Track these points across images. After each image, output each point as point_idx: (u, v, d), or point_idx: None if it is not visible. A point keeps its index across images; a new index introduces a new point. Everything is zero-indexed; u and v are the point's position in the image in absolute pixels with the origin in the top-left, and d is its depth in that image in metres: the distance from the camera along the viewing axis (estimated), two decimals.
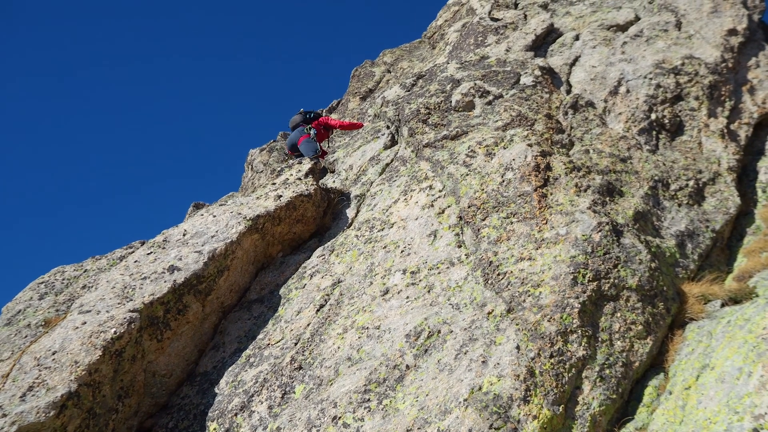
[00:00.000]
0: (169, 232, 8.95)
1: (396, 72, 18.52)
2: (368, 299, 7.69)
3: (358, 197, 10.04)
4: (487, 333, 6.55)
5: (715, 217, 8.93)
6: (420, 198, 8.95)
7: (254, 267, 9.18)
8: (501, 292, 7.00)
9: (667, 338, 7.01)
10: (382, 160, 10.74)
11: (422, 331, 6.84)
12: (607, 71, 11.49)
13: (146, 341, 7.45)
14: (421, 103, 10.87)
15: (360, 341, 7.11)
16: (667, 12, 12.95)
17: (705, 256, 8.44)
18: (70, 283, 9.52)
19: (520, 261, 7.34)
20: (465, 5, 18.18)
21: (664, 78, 11.01)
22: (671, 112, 10.50)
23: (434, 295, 7.34)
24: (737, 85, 11.40)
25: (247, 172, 18.43)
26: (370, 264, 8.28)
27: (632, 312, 6.86)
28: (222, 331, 8.41)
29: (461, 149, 9.43)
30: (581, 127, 10.08)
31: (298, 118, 12.89)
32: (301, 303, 8.26)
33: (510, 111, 10.17)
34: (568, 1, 15.27)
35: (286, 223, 9.45)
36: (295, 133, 12.71)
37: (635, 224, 8.09)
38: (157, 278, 7.92)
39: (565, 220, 7.72)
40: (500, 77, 11.28)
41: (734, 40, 11.95)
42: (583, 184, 8.36)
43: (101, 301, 7.64)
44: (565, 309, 6.62)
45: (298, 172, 10.40)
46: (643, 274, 7.24)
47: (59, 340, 7.06)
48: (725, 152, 10.04)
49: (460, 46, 14.75)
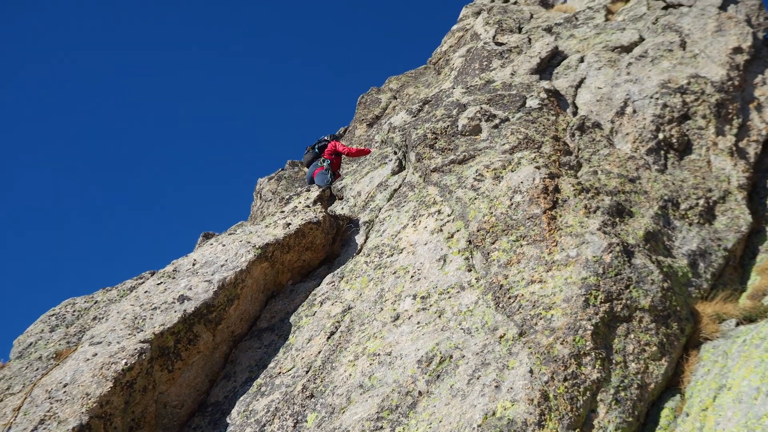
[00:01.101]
0: (179, 262, 8.96)
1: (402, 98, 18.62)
2: (379, 325, 7.65)
3: (366, 223, 10.04)
4: (499, 357, 6.49)
5: (726, 236, 8.86)
6: (429, 223, 8.93)
7: (264, 295, 9.16)
8: (512, 316, 6.95)
9: (682, 359, 6.92)
10: (390, 185, 10.75)
11: (434, 356, 6.79)
12: (612, 92, 11.51)
13: (157, 372, 7.42)
14: (427, 128, 10.91)
15: (371, 368, 7.05)
16: (671, 32, 13.00)
17: (718, 275, 8.37)
18: (80, 315, 9.53)
19: (530, 284, 7.30)
20: (469, 31, 18.31)
21: (671, 97, 11.02)
22: (679, 131, 10.49)
23: (445, 319, 7.29)
24: (744, 103, 11.39)
25: (256, 201, 18.48)
26: (380, 290, 8.25)
27: (646, 333, 6.79)
28: (233, 360, 8.38)
29: (469, 173, 9.43)
30: (589, 149, 10.07)
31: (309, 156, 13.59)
32: (311, 330, 8.22)
33: (517, 134, 10.18)
34: (572, 24, 15.36)
35: (296, 250, 9.45)
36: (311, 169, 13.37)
37: (646, 244, 8.04)
38: (168, 308, 7.91)
39: (575, 242, 7.69)
40: (506, 101, 11.32)
41: (740, 58, 11.96)
42: (592, 206, 8.34)
43: (112, 332, 7.63)
44: (577, 331, 6.56)
45: (306, 200, 10.42)
46: (655, 294, 7.17)
47: (70, 372, 7.05)
48: (735, 170, 10.00)
49: (465, 70, 14.83)
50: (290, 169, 18.71)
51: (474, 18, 19.51)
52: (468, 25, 19.42)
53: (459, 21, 20.48)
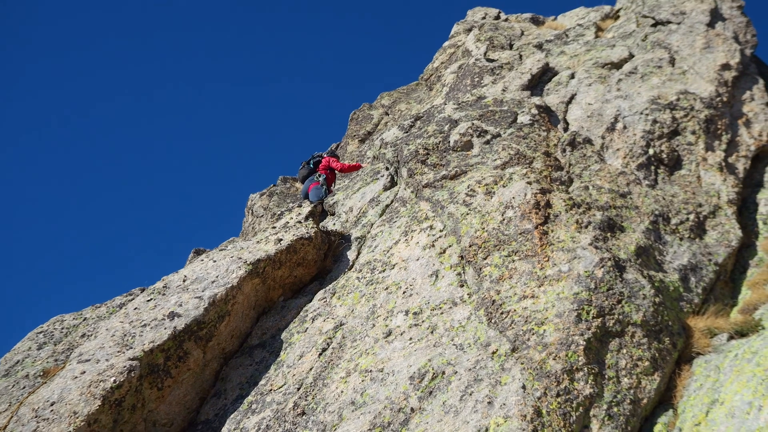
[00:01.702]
0: (169, 278, 8.91)
1: (394, 114, 18.68)
2: (371, 341, 7.61)
3: (358, 239, 10.02)
4: (492, 373, 6.46)
5: (717, 250, 8.88)
6: (421, 238, 8.92)
7: (255, 312, 9.11)
8: (505, 331, 6.93)
9: (674, 374, 6.91)
10: (382, 201, 10.74)
11: (426, 372, 6.75)
12: (603, 108, 11.57)
13: (146, 390, 7.35)
14: (419, 144, 10.92)
15: (363, 384, 7.01)
16: (661, 49, 13.10)
17: (709, 289, 8.38)
18: (69, 332, 9.44)
19: (523, 299, 7.28)
20: (461, 47, 18.41)
21: (661, 113, 11.08)
22: (669, 146, 10.54)
23: (437, 335, 7.26)
24: (733, 119, 11.46)
25: (248, 217, 18.45)
26: (372, 306, 8.21)
27: (638, 348, 6.78)
28: (223, 377, 8.31)
29: (461, 188, 9.44)
30: (580, 164, 10.10)
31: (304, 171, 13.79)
32: (303, 347, 8.17)
33: (508, 149, 10.21)
34: (562, 40, 15.47)
35: (287, 266, 9.41)
36: (306, 183, 13.58)
37: (637, 259, 8.05)
38: (158, 325, 7.85)
39: (567, 257, 7.68)
40: (497, 116, 11.36)
41: (728, 74, 12.06)
42: (583, 221, 8.34)
43: (101, 349, 7.56)
44: (570, 346, 6.54)
45: (298, 216, 10.40)
46: (647, 309, 7.17)
47: (58, 390, 6.96)
48: (724, 185, 10.04)
49: (456, 87, 14.89)
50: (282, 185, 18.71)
51: (465, 35, 19.63)
52: (459, 41, 19.54)
53: (450, 38, 20.61)
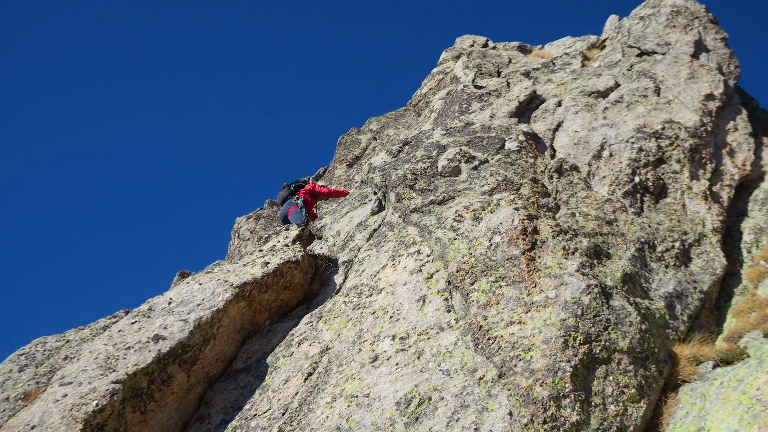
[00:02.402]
0: (154, 301, 8.84)
1: (382, 139, 18.75)
2: (357, 366, 7.57)
3: (345, 263, 10.00)
4: (478, 399, 6.43)
5: (702, 278, 8.94)
6: (408, 263, 8.92)
7: (241, 335, 9.04)
8: (492, 357, 6.92)
9: (660, 401, 6.91)
10: (370, 225, 10.74)
11: (413, 398, 6.71)
12: (590, 136, 11.68)
13: (129, 413, 7.25)
14: (407, 169, 10.96)
15: (349, 410, 6.95)
16: (646, 78, 13.28)
17: (694, 317, 8.42)
18: (51, 354, 9.33)
19: (510, 325, 7.28)
20: (449, 74, 18.57)
21: (646, 142, 11.21)
22: (654, 174, 10.65)
23: (424, 361, 7.23)
24: (717, 148, 11.62)
25: (234, 240, 18.38)
26: (358, 330, 8.18)
27: (624, 375, 6.78)
28: (207, 401, 8.22)
29: (448, 214, 9.47)
30: (567, 191, 10.17)
31: (284, 192, 13.62)
32: (288, 371, 8.11)
33: (496, 176, 10.26)
34: (549, 69, 15.65)
35: (274, 290, 9.37)
36: (285, 206, 13.35)
37: (624, 286, 8.08)
38: (142, 348, 7.77)
39: (554, 283, 7.70)
40: (485, 143, 11.43)
41: (712, 104, 12.24)
42: (570, 247, 8.39)
43: (83, 372, 7.46)
44: (557, 373, 6.53)
45: (285, 239, 10.37)
46: (633, 336, 7.19)
47: (39, 413, 6.86)
48: (709, 214, 10.14)
49: (445, 113, 14.99)
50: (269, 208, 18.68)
51: (454, 62, 19.82)
52: (448, 68, 19.71)
53: (439, 64, 20.79)
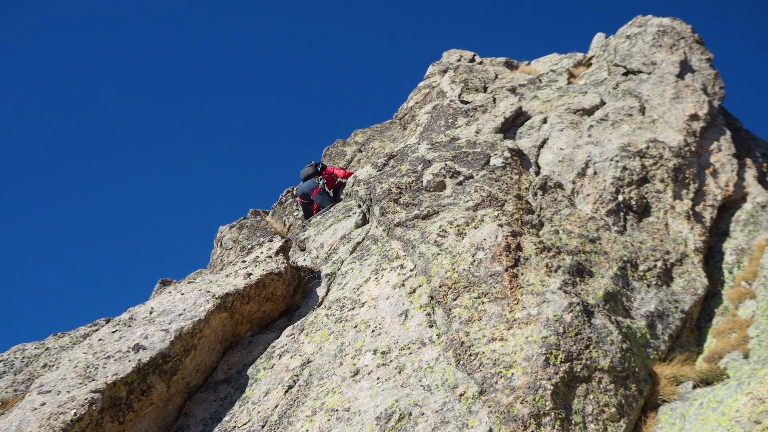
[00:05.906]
0: (135, 310, 8.77)
1: (367, 151, 18.76)
2: (338, 380, 7.54)
3: (328, 276, 9.98)
4: (459, 415, 6.43)
5: (683, 298, 9.01)
6: (391, 277, 8.91)
7: (222, 346, 8.99)
8: (473, 373, 6.92)
9: (640, 421, 6.94)
10: (353, 238, 10.74)
11: (393, 413, 6.69)
12: (574, 153, 11.76)
13: (108, 423, 7.18)
14: (392, 183, 10.98)
15: (329, 424, 6.92)
16: (631, 97, 13.40)
17: (675, 336, 8.48)
18: (30, 361, 9.22)
19: (491, 341, 7.29)
20: (435, 88, 18.64)
21: (630, 161, 11.30)
22: (638, 193, 10.73)
23: (405, 376, 7.22)
24: (701, 168, 11.73)
25: (216, 249, 18.27)
26: (340, 344, 8.15)
27: (605, 394, 6.80)
28: (187, 412, 8.15)
29: (432, 229, 9.48)
30: (550, 208, 10.23)
31: (309, 170, 14.78)
32: (269, 383, 8.07)
33: (480, 191, 10.30)
34: (535, 85, 15.75)
35: (256, 301, 9.32)
36: (308, 183, 14.54)
37: (606, 305, 8.12)
38: (122, 357, 7.70)
39: (537, 300, 7.73)
40: (470, 158, 11.48)
41: (696, 124, 12.36)
42: (553, 264, 8.42)
43: (62, 380, 7.38)
44: (537, 391, 6.54)
45: (268, 250, 10.33)
46: (614, 355, 7.22)
47: (16, 422, 6.77)
48: (691, 233, 10.23)
49: (430, 127, 15.03)
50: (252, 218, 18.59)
51: (440, 76, 19.89)
52: (434, 82, 19.78)
53: (425, 78, 20.85)
